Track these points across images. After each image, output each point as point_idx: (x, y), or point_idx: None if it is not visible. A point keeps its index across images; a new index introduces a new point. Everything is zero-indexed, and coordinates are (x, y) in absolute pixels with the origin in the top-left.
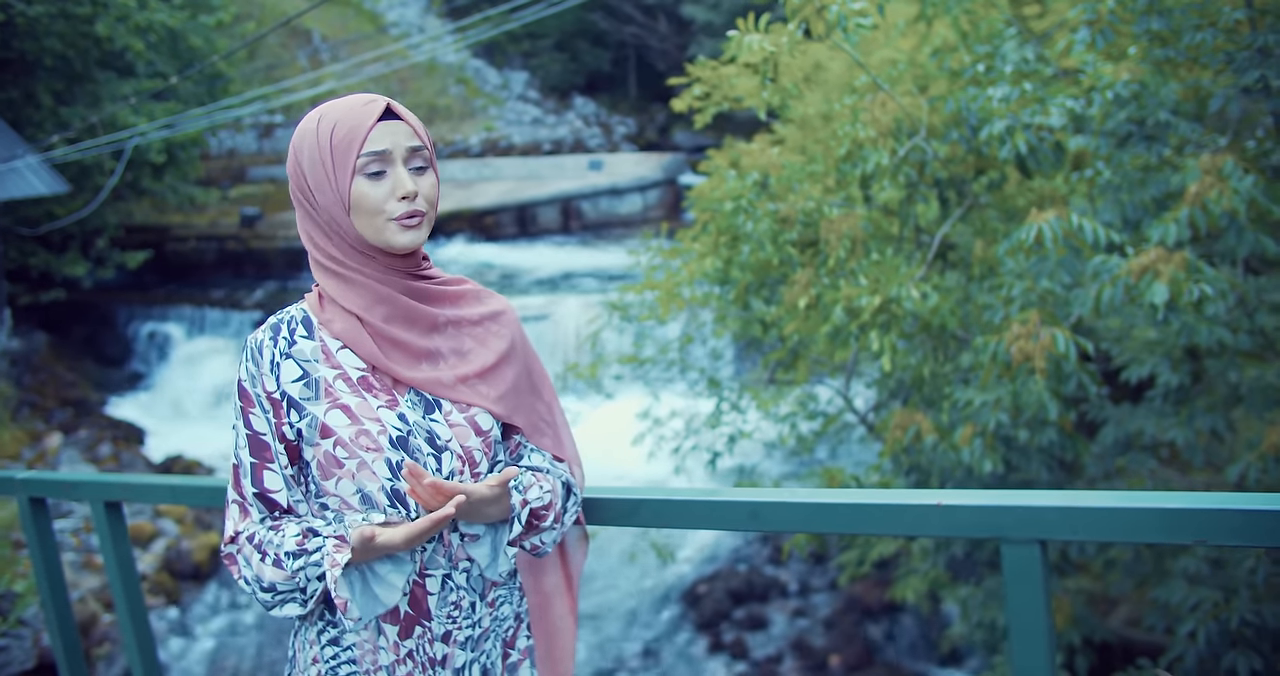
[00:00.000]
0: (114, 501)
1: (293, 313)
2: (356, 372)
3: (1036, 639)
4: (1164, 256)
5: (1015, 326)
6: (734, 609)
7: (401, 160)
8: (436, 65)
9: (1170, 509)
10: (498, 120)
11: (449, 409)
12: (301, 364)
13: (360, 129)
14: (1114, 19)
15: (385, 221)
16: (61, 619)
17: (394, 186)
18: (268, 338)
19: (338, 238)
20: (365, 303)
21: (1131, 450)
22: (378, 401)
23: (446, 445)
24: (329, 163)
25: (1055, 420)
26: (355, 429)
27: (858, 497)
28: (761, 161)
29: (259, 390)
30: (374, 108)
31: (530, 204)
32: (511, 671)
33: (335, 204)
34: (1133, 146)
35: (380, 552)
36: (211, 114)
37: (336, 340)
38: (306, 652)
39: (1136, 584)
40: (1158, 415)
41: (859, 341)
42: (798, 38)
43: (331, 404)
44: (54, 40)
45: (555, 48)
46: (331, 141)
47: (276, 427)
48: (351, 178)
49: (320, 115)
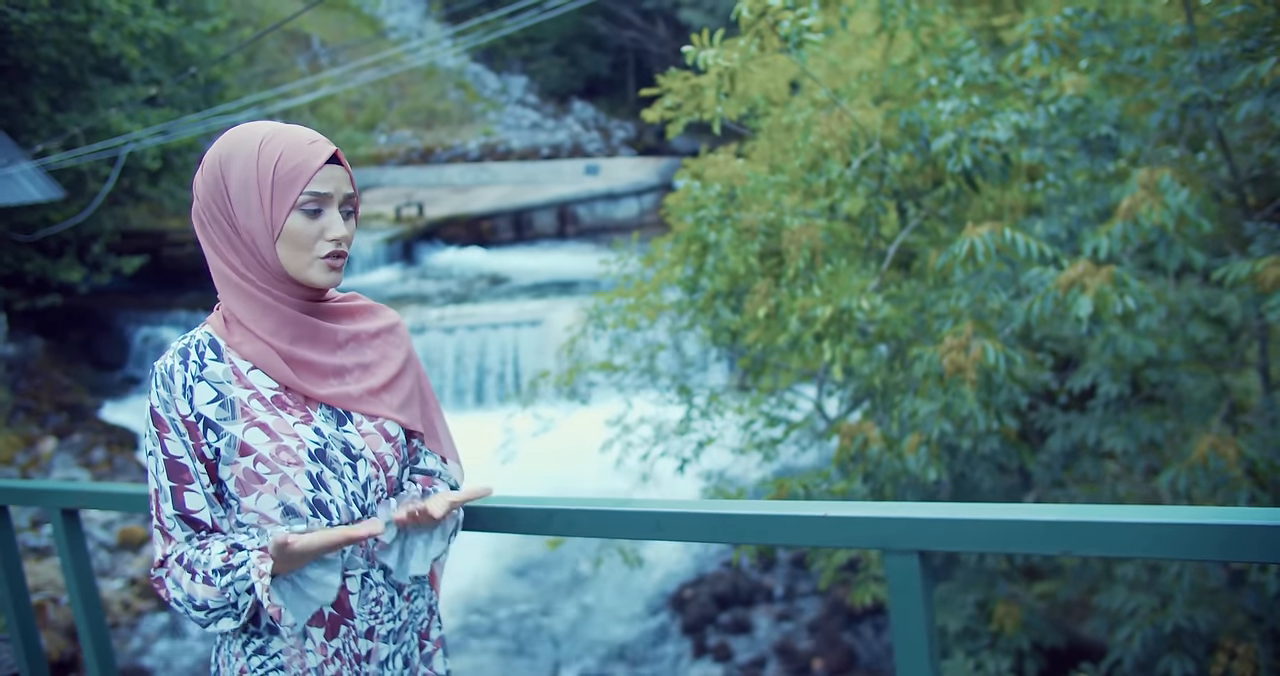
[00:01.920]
0: (71, 508)
1: (199, 336)
2: (269, 392)
3: (918, 645)
4: (1091, 270)
5: (949, 338)
6: (719, 613)
7: (338, 204)
8: (435, 70)
9: (1039, 521)
10: (496, 125)
11: (359, 419)
12: (215, 385)
13: (308, 167)
14: (1060, 34)
15: (312, 259)
16: (23, 623)
17: (326, 227)
18: (177, 362)
19: (251, 259)
20: (273, 325)
21: (1080, 458)
22: (293, 418)
23: (360, 453)
24: (267, 190)
25: (996, 429)
26: (275, 445)
27: (752, 509)
28: (726, 172)
29: (173, 414)
30: (322, 148)
31: (527, 209)
32: (427, 661)
33: (261, 229)
34: (1076, 160)
35: (300, 558)
36: (207, 120)
37: (246, 361)
38: (233, 665)
39: (1087, 590)
40: (1099, 424)
41: (813, 350)
42: (752, 52)
43: (249, 423)
44: (49, 47)
45: (554, 52)
46: (275, 171)
47: (195, 449)
48: (290, 211)
49: (261, 140)
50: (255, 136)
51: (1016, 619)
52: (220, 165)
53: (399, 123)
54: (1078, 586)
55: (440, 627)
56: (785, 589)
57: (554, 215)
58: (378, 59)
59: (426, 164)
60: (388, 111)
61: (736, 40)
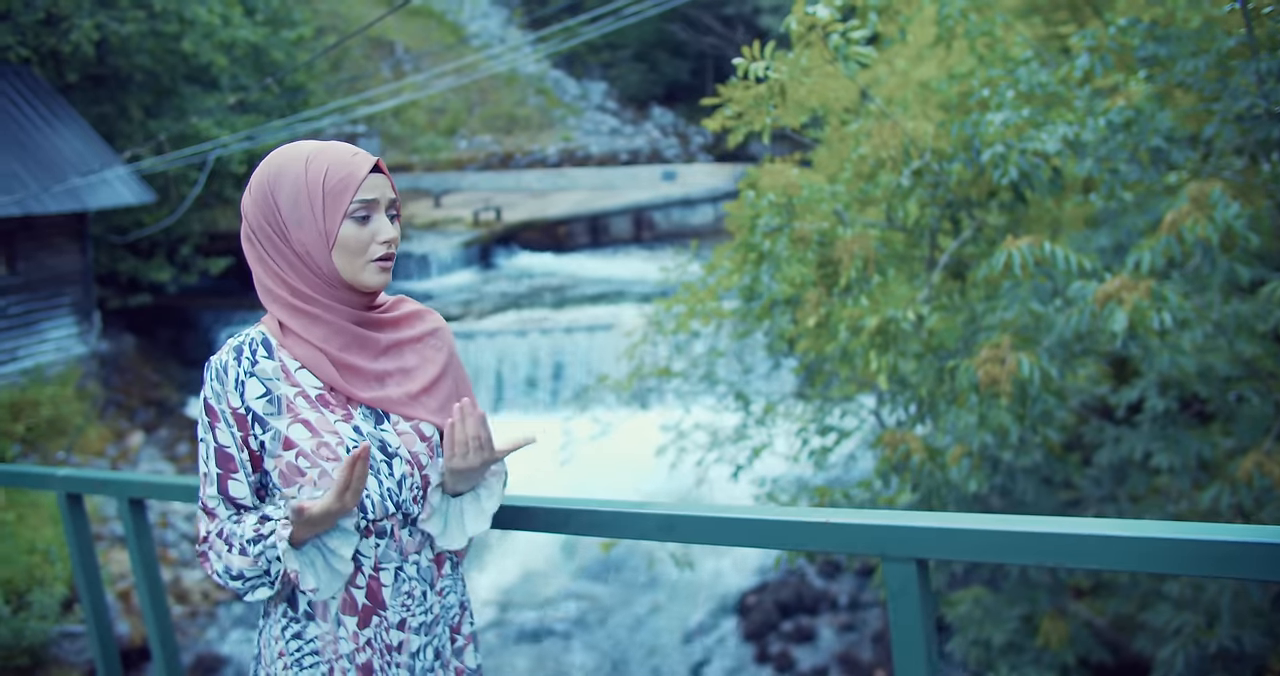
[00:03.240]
0: (137, 498)
1: (253, 335)
2: (314, 390)
3: (916, 650)
4: (1128, 284)
5: (985, 350)
6: (782, 620)
7: (384, 209)
8: (516, 76)
9: (1031, 532)
10: (576, 130)
11: (396, 419)
12: (264, 382)
13: (355, 177)
14: (1114, 46)
15: (365, 262)
16: (96, 606)
17: (377, 232)
18: (231, 358)
19: (307, 272)
20: (324, 334)
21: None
22: (334, 416)
23: (396, 451)
24: (319, 202)
25: (1039, 442)
26: (316, 441)
27: (757, 514)
28: (781, 181)
29: (224, 406)
30: (365, 159)
31: (603, 214)
32: (458, 655)
33: (316, 240)
34: (1129, 173)
35: (319, 521)
36: (291, 125)
37: (295, 361)
38: (273, 647)
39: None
40: (1147, 439)
41: (861, 360)
42: (803, 64)
43: (294, 419)
44: (144, 57)
45: (634, 58)
46: (324, 183)
47: (242, 440)
48: (342, 219)
49: (308, 157)
50: (301, 155)
51: (1063, 634)
52: (269, 185)
53: (479, 128)
54: (1126, 603)
55: (472, 623)
56: (850, 598)
57: (630, 220)
58: (459, 65)
59: (506, 169)
60: (469, 117)
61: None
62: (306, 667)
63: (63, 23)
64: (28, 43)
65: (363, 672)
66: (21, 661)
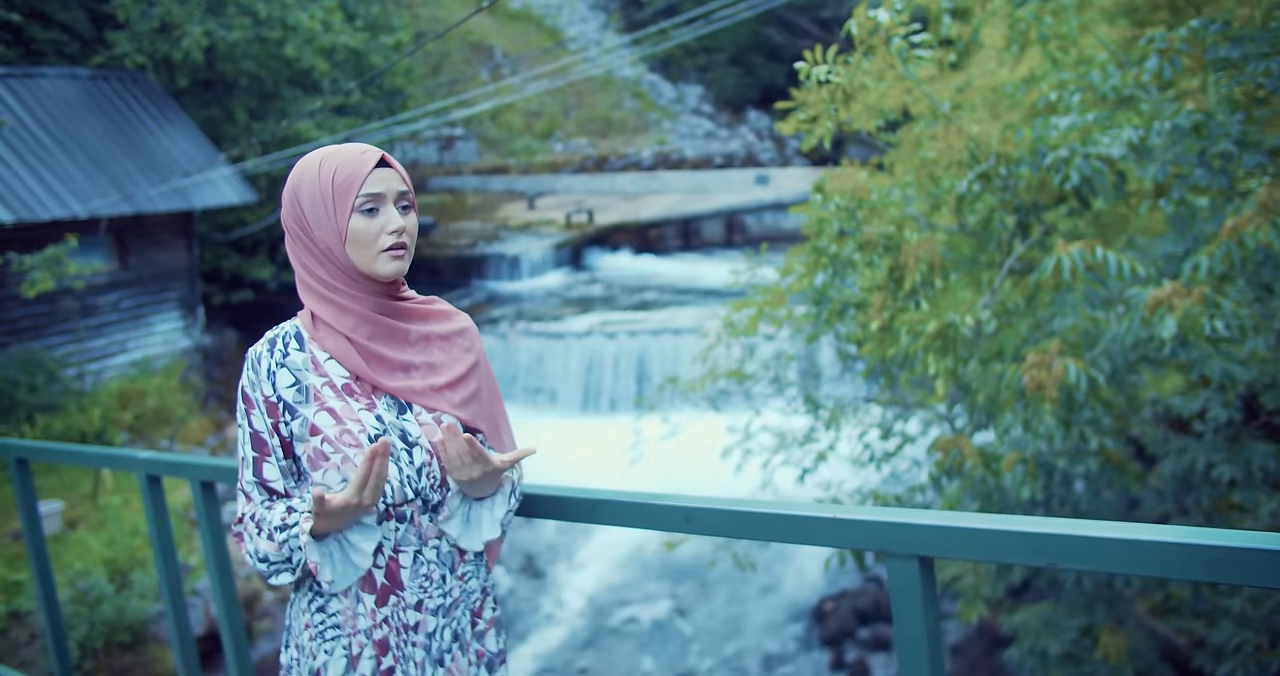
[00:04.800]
0: (208, 481)
1: (287, 328)
2: (341, 380)
3: (918, 649)
4: (1180, 290)
5: (1031, 355)
6: (859, 627)
7: (392, 201)
8: (612, 79)
9: (1029, 532)
10: (670, 133)
11: (419, 410)
12: (294, 372)
13: (359, 174)
14: (1184, 47)
15: (376, 253)
16: (171, 580)
17: (385, 223)
18: (265, 350)
19: (330, 265)
20: (352, 323)
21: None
22: (359, 404)
23: (417, 441)
24: (330, 200)
25: (1095, 450)
26: (340, 428)
27: (768, 508)
28: (848, 185)
29: (258, 394)
30: (371, 156)
31: (695, 217)
32: (479, 638)
33: (332, 236)
34: (1193, 178)
35: (340, 513)
36: (388, 127)
37: (324, 352)
38: (300, 619)
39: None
40: (1209, 450)
41: (921, 365)
42: (865, 68)
43: (320, 407)
44: (249, 62)
45: (730, 62)
46: (334, 183)
47: (274, 426)
48: (350, 214)
49: (320, 160)
50: (317, 159)
51: (1121, 647)
52: (294, 189)
53: (575, 131)
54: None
55: (495, 608)
56: None
57: (722, 224)
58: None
59: (600, 172)
60: (565, 120)
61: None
62: (329, 640)
63: (175, 30)
64: (144, 50)
65: (379, 648)
66: (123, 637)
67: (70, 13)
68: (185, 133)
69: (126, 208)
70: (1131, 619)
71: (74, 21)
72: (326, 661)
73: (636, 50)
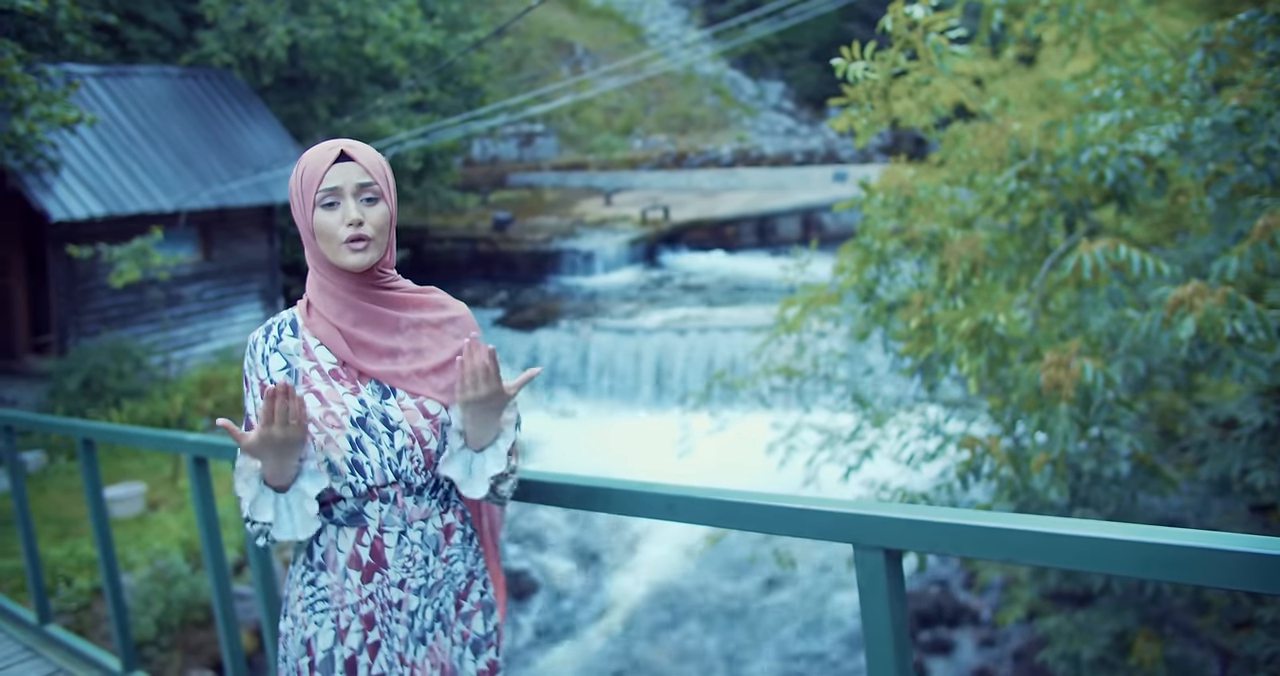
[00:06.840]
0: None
1: (284, 316)
2: (328, 365)
3: (884, 638)
4: (1201, 290)
5: (1050, 354)
6: (919, 630)
7: (351, 194)
8: (693, 76)
9: (991, 528)
10: (750, 130)
11: (402, 395)
12: (286, 357)
13: (319, 170)
14: (1231, 41)
15: (338, 245)
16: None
17: (343, 215)
18: (261, 336)
19: (315, 257)
20: (338, 310)
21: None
22: (343, 388)
23: (398, 425)
24: (299, 197)
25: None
26: (324, 410)
27: (744, 498)
28: (894, 182)
29: (254, 377)
30: (331, 152)
31: (771, 215)
32: (465, 619)
33: (307, 230)
34: (1234, 175)
35: (262, 446)
36: (465, 123)
37: (315, 338)
38: (294, 591)
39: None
40: (1244, 455)
41: (958, 363)
42: (902, 63)
43: (307, 390)
44: (331, 60)
45: (812, 58)
46: (301, 180)
47: None
48: (313, 209)
49: (300, 160)
50: (299, 159)
51: (1156, 654)
52: (290, 190)
53: (655, 127)
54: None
55: (484, 592)
56: (992, 612)
57: (798, 221)
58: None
59: (679, 168)
60: (644, 116)
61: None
62: (319, 612)
63: (260, 29)
64: (230, 49)
65: (365, 623)
66: (198, 615)
67: (163, 13)
68: (268, 129)
69: (212, 201)
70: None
71: (166, 22)
72: (317, 632)
73: (717, 46)
